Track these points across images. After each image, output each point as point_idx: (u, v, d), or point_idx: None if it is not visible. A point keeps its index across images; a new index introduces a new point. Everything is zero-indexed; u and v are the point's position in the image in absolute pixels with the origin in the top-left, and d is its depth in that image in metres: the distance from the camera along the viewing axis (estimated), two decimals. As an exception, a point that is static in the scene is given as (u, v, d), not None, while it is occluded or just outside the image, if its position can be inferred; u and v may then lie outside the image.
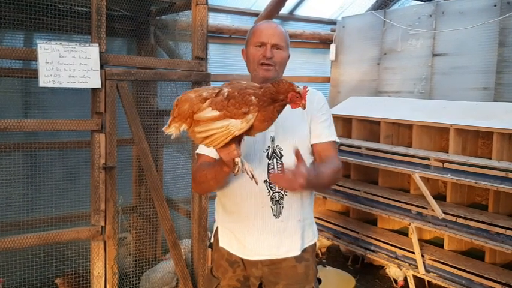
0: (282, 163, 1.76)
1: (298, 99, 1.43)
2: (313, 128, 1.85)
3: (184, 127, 1.45)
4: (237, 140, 1.44)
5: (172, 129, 1.47)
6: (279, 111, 1.46)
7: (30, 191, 2.85)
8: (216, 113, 1.40)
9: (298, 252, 1.83)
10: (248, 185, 1.75)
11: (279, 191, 1.77)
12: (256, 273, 1.84)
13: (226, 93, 1.42)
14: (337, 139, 1.90)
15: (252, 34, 1.86)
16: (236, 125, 1.38)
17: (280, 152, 1.78)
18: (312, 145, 1.86)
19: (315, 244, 1.94)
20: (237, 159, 1.43)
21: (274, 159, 1.77)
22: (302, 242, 1.84)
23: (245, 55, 1.89)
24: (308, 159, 1.83)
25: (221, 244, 1.89)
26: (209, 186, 1.72)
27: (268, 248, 1.79)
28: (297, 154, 1.49)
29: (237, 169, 1.44)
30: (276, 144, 1.78)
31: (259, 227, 1.79)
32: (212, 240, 1.97)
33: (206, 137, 1.41)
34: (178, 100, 1.47)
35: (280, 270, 1.82)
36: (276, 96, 1.42)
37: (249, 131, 1.43)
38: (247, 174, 1.48)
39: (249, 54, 1.85)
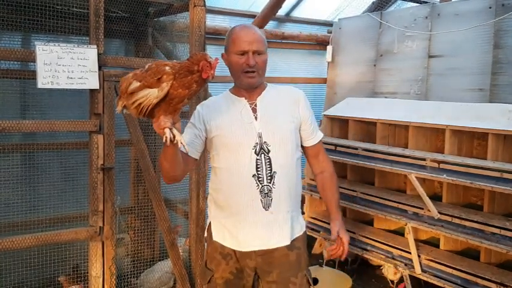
0: (269, 158, 1.87)
1: (208, 68, 1.52)
2: (304, 132, 2.02)
3: (124, 103, 1.59)
4: (168, 112, 1.54)
5: (119, 108, 1.61)
6: (198, 82, 1.54)
7: (29, 192, 2.85)
8: (138, 83, 1.53)
9: (288, 242, 1.92)
10: (238, 180, 1.87)
11: (267, 184, 1.87)
12: (251, 264, 1.91)
13: (146, 67, 1.56)
14: (322, 134, 2.08)
15: (232, 42, 1.90)
16: (154, 93, 1.51)
17: (267, 148, 1.88)
18: (304, 146, 2.05)
19: (304, 233, 2.03)
20: (166, 130, 1.53)
21: (262, 155, 1.87)
22: (292, 232, 1.94)
23: (226, 60, 1.95)
24: (295, 154, 1.95)
25: (214, 238, 1.97)
26: (165, 169, 1.78)
27: (259, 239, 1.89)
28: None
29: (164, 139, 1.53)
30: (263, 140, 1.88)
31: (250, 219, 1.88)
32: (206, 235, 2.06)
33: (136, 108, 1.54)
34: (120, 81, 1.62)
35: (273, 259, 1.91)
36: (191, 68, 1.53)
37: (170, 101, 1.52)
38: (179, 144, 1.59)
39: (231, 62, 1.91)
